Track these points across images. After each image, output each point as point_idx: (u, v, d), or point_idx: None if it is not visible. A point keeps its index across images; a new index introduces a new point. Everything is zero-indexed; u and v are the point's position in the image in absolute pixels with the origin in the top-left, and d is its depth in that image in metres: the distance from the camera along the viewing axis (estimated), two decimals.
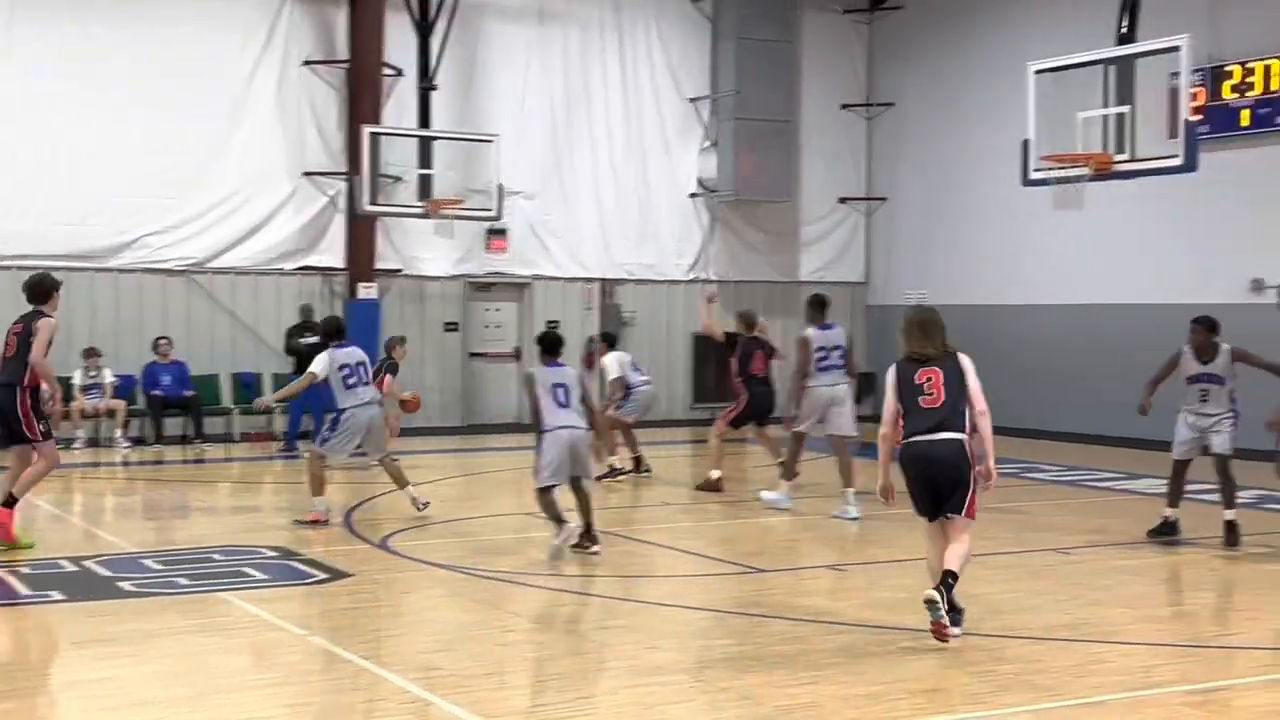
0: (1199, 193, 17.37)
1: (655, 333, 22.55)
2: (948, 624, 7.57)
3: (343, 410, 11.96)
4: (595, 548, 10.50)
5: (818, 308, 12.87)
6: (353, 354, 12.15)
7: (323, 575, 9.71)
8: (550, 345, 10.82)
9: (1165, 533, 11.21)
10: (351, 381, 11.97)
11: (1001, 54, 20.57)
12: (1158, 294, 19.04)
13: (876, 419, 8.52)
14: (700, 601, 9.14)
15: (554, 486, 10.39)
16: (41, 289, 10.79)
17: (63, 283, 11.56)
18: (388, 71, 20.26)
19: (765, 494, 13.10)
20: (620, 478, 14.74)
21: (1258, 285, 17.83)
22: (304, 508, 12.05)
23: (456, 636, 8.08)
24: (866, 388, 23.93)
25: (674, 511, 13.37)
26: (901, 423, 7.99)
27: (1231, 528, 11.00)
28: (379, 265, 20.50)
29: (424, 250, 20.70)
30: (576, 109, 21.99)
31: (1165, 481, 11.65)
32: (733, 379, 14.34)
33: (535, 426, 10.47)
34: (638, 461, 15.24)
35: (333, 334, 12.38)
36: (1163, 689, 6.90)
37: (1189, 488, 11.58)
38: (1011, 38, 20.69)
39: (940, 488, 7.87)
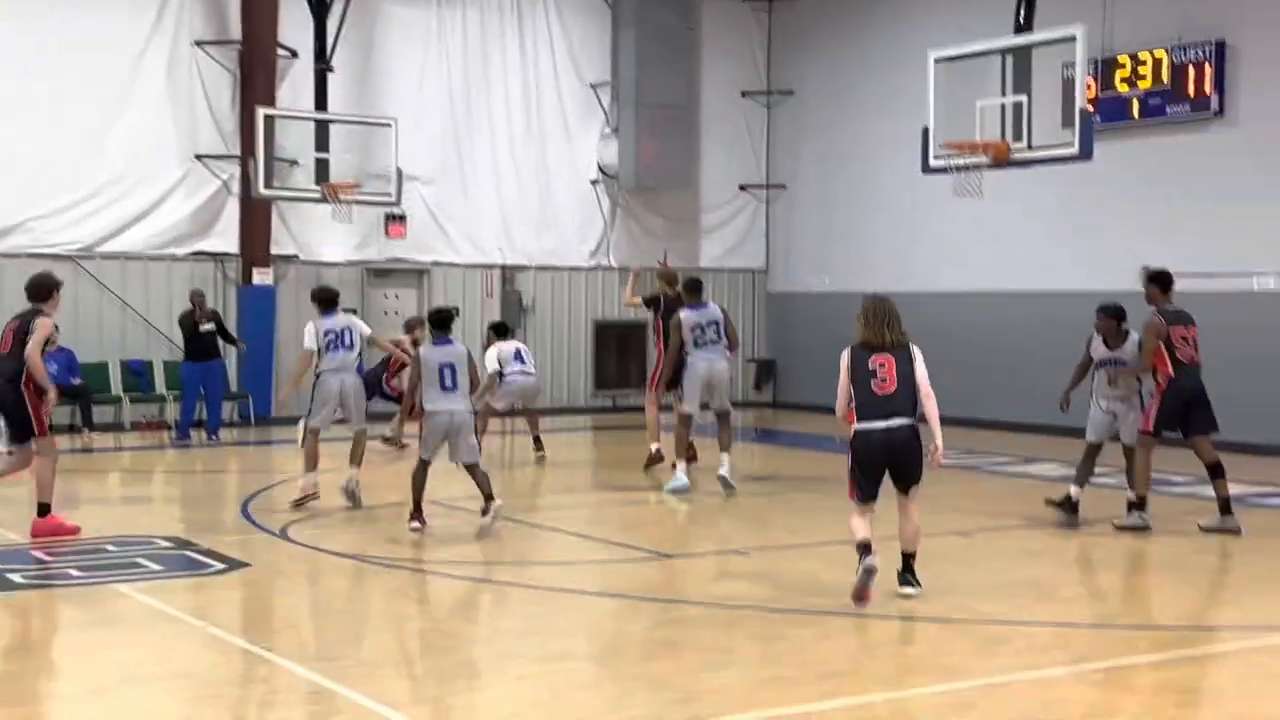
0: (1093, 182, 17.69)
1: (557, 319, 22.45)
2: (869, 595, 8.16)
3: (318, 375, 11.99)
4: (488, 520, 10.57)
5: (691, 290, 13.33)
6: (338, 321, 12.10)
7: (220, 566, 9.49)
8: (440, 322, 10.85)
9: (1065, 507, 11.41)
10: (333, 345, 11.92)
11: (901, 42, 20.76)
12: (1052, 281, 19.38)
13: (777, 404, 8.57)
14: (607, 588, 9.08)
15: (428, 462, 10.62)
16: (44, 288, 10.83)
17: (63, 282, 11.58)
18: (282, 53, 19.88)
19: (670, 484, 13.02)
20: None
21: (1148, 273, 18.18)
22: (194, 498, 11.81)
23: (358, 626, 7.94)
24: (766, 373, 24.09)
25: (578, 498, 13.30)
26: (855, 407, 8.37)
27: (1135, 504, 11.24)
28: (274, 251, 20.12)
29: (321, 235, 20.36)
30: (476, 94, 21.78)
31: (1064, 465, 11.83)
32: (658, 340, 14.46)
33: (417, 404, 10.72)
34: (537, 442, 15.39)
35: (324, 304, 12.24)
36: (1064, 668, 6.99)
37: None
38: (911, 26, 20.88)
39: (896, 471, 8.37)
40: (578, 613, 8.40)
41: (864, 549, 8.29)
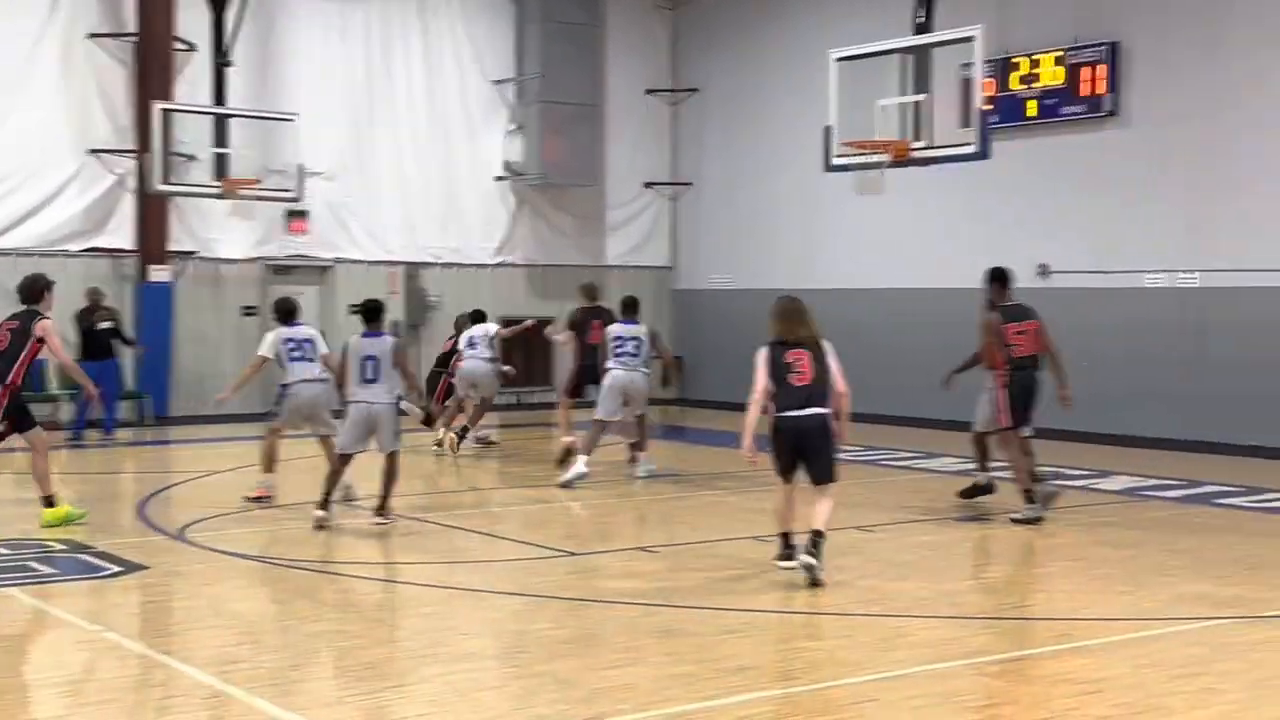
0: (991, 180, 17.99)
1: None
2: (822, 578, 8.64)
3: (286, 386, 12.04)
4: (383, 521, 10.74)
5: (626, 307, 14.22)
6: (299, 332, 12.17)
7: (116, 569, 9.30)
8: (370, 314, 11.03)
9: (976, 493, 11.91)
10: (295, 356, 11.96)
11: (804, 41, 20.92)
12: (951, 278, 19.64)
13: (684, 401, 8.63)
14: (513, 586, 9.04)
15: (350, 455, 10.85)
16: (35, 289, 10.99)
17: (55, 281, 11.63)
18: (180, 46, 19.53)
19: (565, 475, 13.09)
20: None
21: (1044, 270, 18.54)
22: (89, 499, 11.57)
23: (258, 628, 7.83)
24: (676, 370, 24.13)
25: (482, 495, 13.24)
26: (774, 398, 8.90)
27: (985, 488, 11.93)
28: (172, 247, 19.78)
29: (220, 232, 20.05)
30: (378, 89, 21.58)
31: (965, 460, 12.02)
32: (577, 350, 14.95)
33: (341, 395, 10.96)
34: (462, 433, 15.67)
35: (283, 316, 12.30)
36: (963, 660, 7.10)
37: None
38: (813, 25, 21.06)
39: (805, 455, 8.89)
40: (483, 612, 8.36)
41: (785, 541, 8.97)
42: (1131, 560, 9.81)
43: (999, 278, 11.96)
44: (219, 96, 18.88)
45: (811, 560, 8.66)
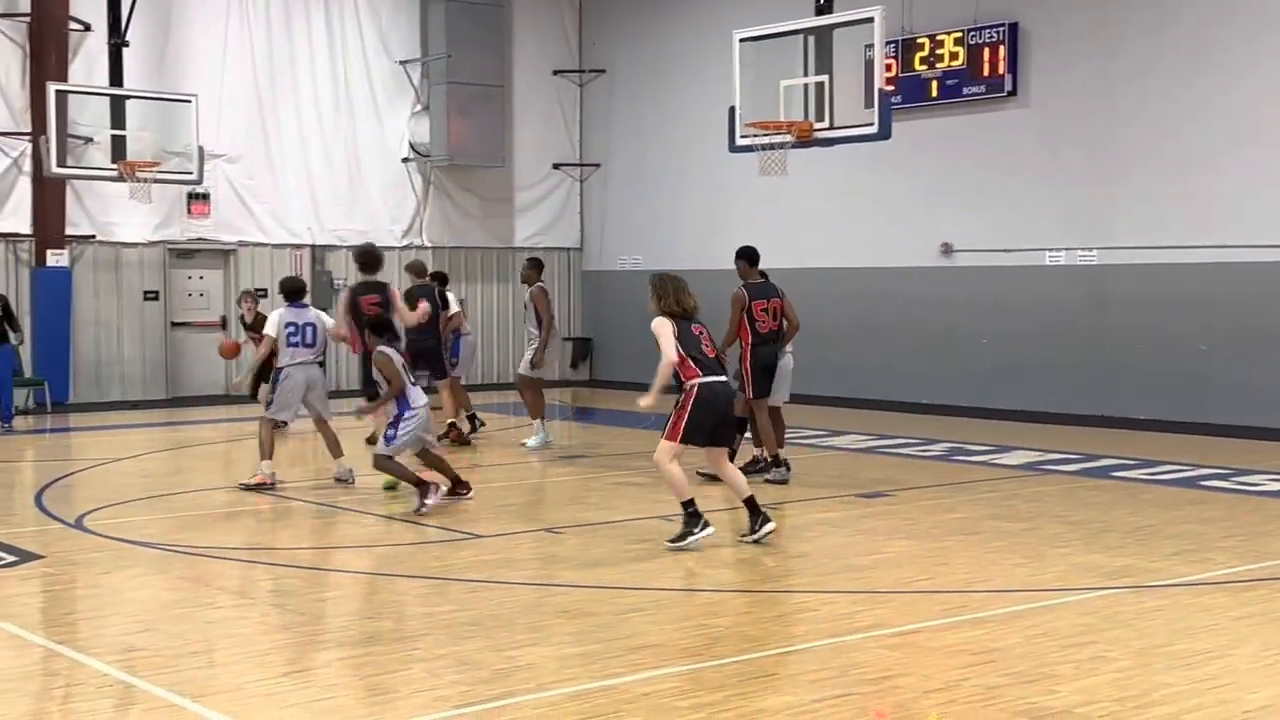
0: (894, 160, 18.21)
1: None
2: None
3: (280, 369, 12.06)
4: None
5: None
6: (304, 314, 12.18)
7: (11, 558, 9.15)
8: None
9: (763, 468, 12.44)
10: (294, 340, 12.06)
11: (708, 22, 21.01)
12: (855, 258, 19.88)
13: (593, 383, 8.66)
14: (416, 569, 9.03)
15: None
16: None
17: None
18: (75, 26, 19.15)
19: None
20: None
21: (947, 249, 18.82)
22: None
23: (158, 616, 7.74)
24: (583, 351, 24.18)
25: (386, 478, 13.15)
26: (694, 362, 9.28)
27: (773, 462, 12.45)
28: (70, 231, 19.43)
29: (119, 215, 19.72)
30: (281, 70, 21.32)
31: (870, 436, 12.21)
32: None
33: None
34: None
35: (290, 294, 12.34)
36: (863, 634, 7.21)
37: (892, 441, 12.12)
38: (718, 6, 21.14)
39: (723, 426, 9.40)
40: (385, 596, 8.34)
41: (693, 508, 9.28)
42: (1028, 533, 10.02)
43: (746, 255, 12.55)
44: (116, 78, 18.51)
45: (770, 527, 9.47)
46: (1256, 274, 15.89)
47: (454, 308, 15.84)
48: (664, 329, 9.34)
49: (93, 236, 19.77)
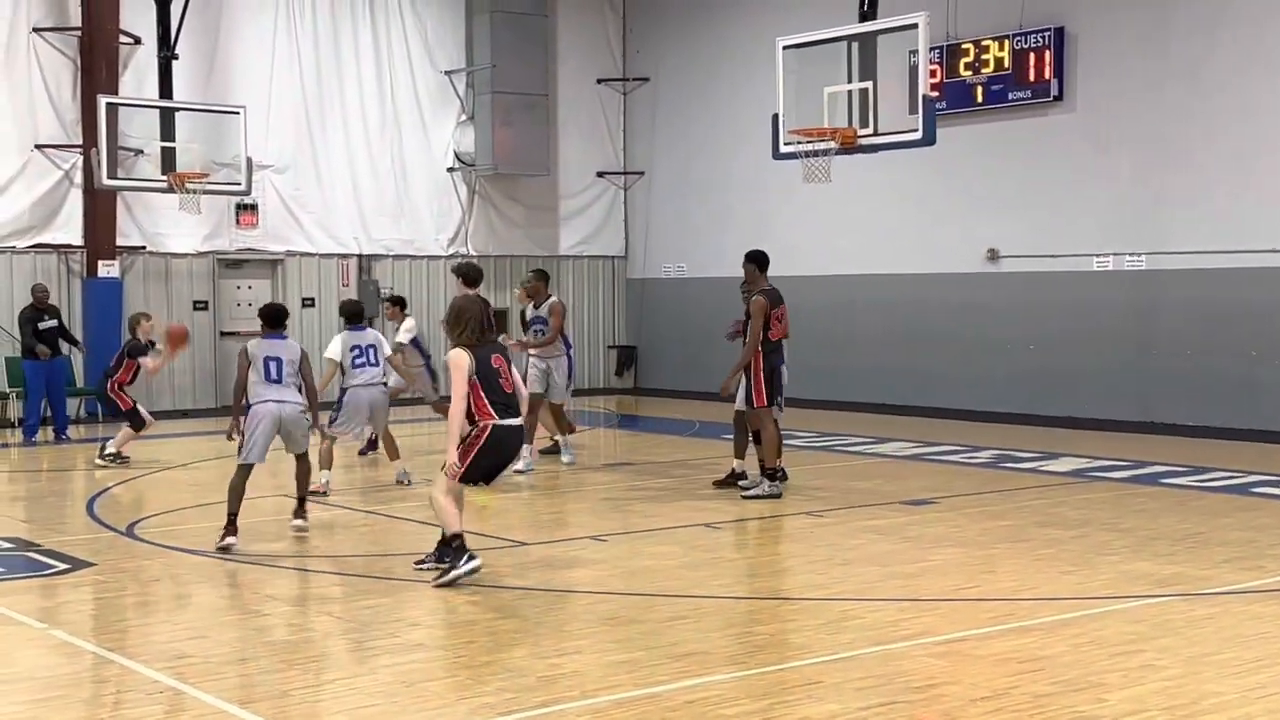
0: (939, 166, 18.12)
1: (415, 309, 22.17)
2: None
3: (345, 390, 12.36)
4: (302, 523, 10.39)
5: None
6: (364, 336, 12.46)
7: (63, 566, 9.27)
8: (270, 317, 10.53)
9: (730, 482, 12.36)
10: (359, 363, 12.31)
11: (752, 29, 21.00)
12: (900, 264, 19.81)
13: (638, 390, 8.62)
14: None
15: (250, 466, 10.02)
16: None
17: None
18: (125, 40, 19.40)
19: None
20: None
21: (993, 254, 18.71)
22: (40, 498, 11.48)
23: (207, 623, 7.81)
24: (627, 360, 24.22)
25: (422, 487, 13.23)
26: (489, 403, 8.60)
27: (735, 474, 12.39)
28: (120, 242, 19.65)
29: (169, 226, 19.94)
30: (328, 81, 21.49)
31: (915, 444, 12.14)
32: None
33: (240, 401, 10.27)
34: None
35: (350, 317, 12.64)
36: (908, 642, 7.18)
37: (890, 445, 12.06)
38: (762, 13, 21.14)
39: (506, 463, 8.95)
40: (430, 603, 8.38)
41: (459, 541, 8.66)
42: (1076, 540, 9.94)
43: (759, 260, 12.27)
44: (165, 90, 18.72)
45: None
46: None
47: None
48: (459, 364, 8.46)
49: (143, 247, 20.00)
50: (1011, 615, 7.76)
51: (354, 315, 12.62)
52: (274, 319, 10.52)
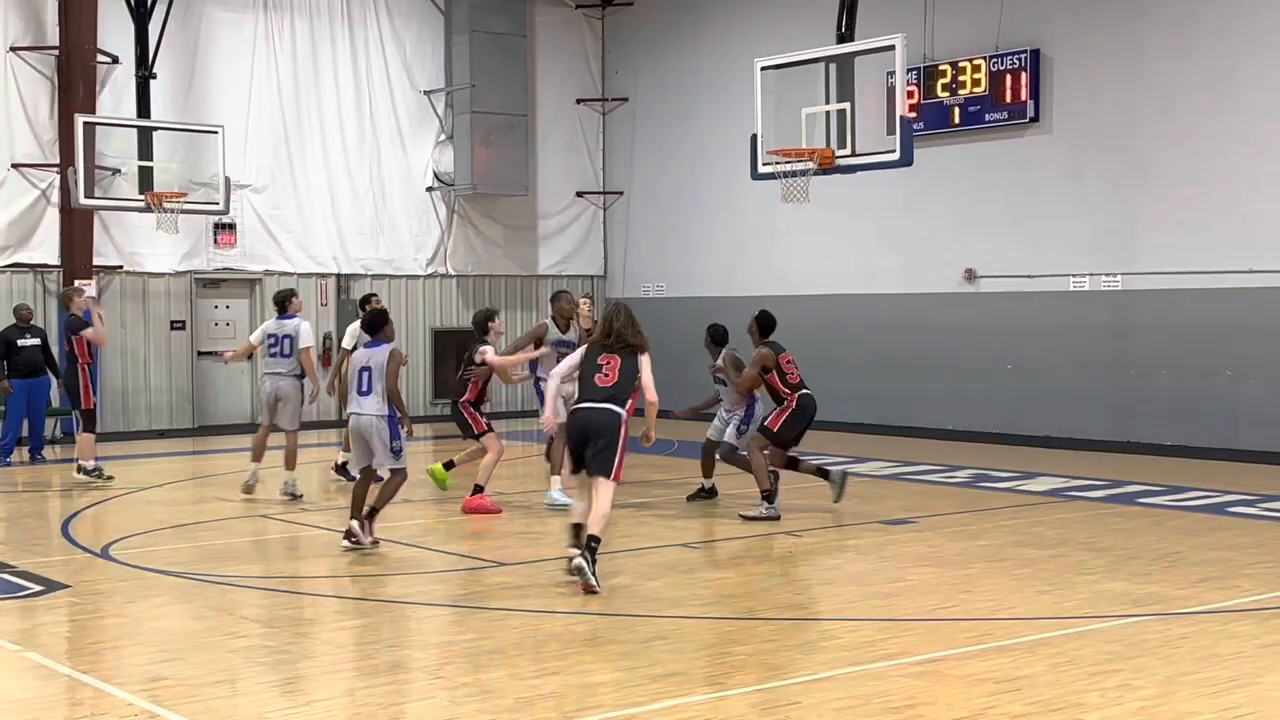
0: (917, 187, 18.22)
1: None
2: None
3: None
4: (367, 540, 10.35)
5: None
6: (284, 326, 13.03)
7: (37, 588, 9.20)
8: (366, 326, 10.59)
9: (703, 496, 12.87)
10: (272, 351, 12.99)
11: (730, 50, 21.09)
12: (879, 285, 19.87)
13: None
14: (440, 598, 9.05)
15: (366, 470, 10.42)
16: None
17: None
18: (103, 59, 19.36)
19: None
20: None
21: (970, 275, 18.79)
22: (15, 519, 11.40)
23: (184, 645, 7.76)
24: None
25: (412, 508, 13.19)
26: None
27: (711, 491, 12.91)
28: (98, 262, 19.58)
29: (146, 246, 19.89)
30: (306, 101, 21.49)
31: (893, 464, 12.12)
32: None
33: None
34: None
35: (278, 305, 13.25)
36: (886, 662, 7.19)
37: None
38: (739, 34, 21.23)
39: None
40: (409, 624, 8.35)
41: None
42: (1053, 560, 9.97)
43: (767, 321, 12.33)
44: (143, 109, 18.71)
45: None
46: None
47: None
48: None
49: (120, 267, 19.93)
50: (989, 635, 7.77)
51: (280, 304, 12.98)
52: (369, 327, 10.58)
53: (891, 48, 13.13)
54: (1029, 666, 7.02)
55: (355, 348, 13.42)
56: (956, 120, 18.56)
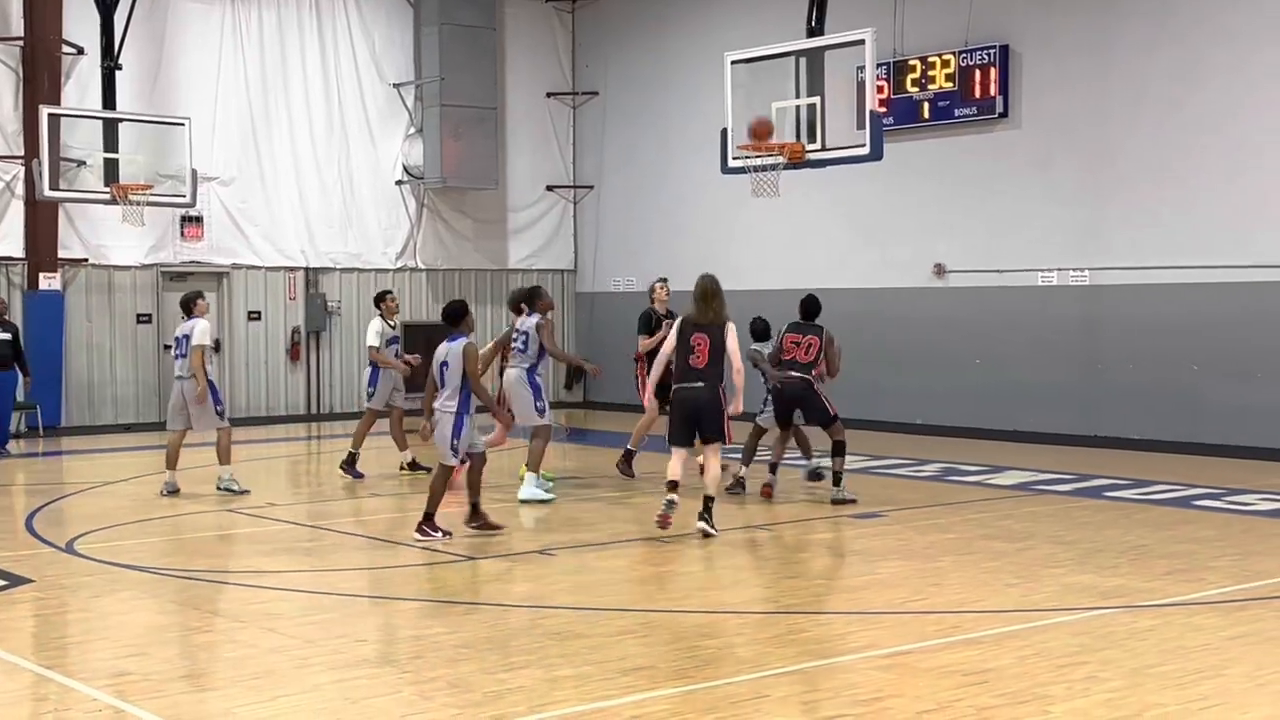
0: (885, 182, 18.25)
1: (363, 322, 22.02)
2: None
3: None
4: (491, 527, 10.71)
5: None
6: (182, 326, 13.12)
7: (1, 583, 9.11)
8: (445, 317, 10.40)
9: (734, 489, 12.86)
10: (176, 354, 13.13)
11: (700, 44, 21.07)
12: (848, 279, 19.90)
13: (587, 404, 8.56)
14: (409, 592, 9.01)
15: (458, 465, 10.56)
16: None
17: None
18: (68, 50, 19.20)
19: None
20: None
21: (939, 269, 18.84)
22: None
23: (149, 640, 7.71)
24: (577, 373, 24.13)
25: (383, 501, 13.15)
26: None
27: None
28: (63, 254, 19.42)
29: (112, 238, 19.73)
30: (274, 93, 21.36)
31: (864, 457, 12.20)
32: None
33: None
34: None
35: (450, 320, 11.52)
36: (855, 655, 7.20)
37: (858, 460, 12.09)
38: (709, 28, 21.22)
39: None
40: (378, 618, 8.32)
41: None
42: (1021, 553, 10.01)
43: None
44: (109, 101, 18.55)
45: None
46: (1249, 294, 15.91)
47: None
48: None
49: (85, 260, 19.77)
50: (957, 628, 7.79)
51: (185, 306, 13.19)
52: (448, 317, 10.40)
53: (861, 42, 13.14)
54: (997, 659, 7.05)
55: (382, 344, 14.14)
56: (926, 115, 18.60)
